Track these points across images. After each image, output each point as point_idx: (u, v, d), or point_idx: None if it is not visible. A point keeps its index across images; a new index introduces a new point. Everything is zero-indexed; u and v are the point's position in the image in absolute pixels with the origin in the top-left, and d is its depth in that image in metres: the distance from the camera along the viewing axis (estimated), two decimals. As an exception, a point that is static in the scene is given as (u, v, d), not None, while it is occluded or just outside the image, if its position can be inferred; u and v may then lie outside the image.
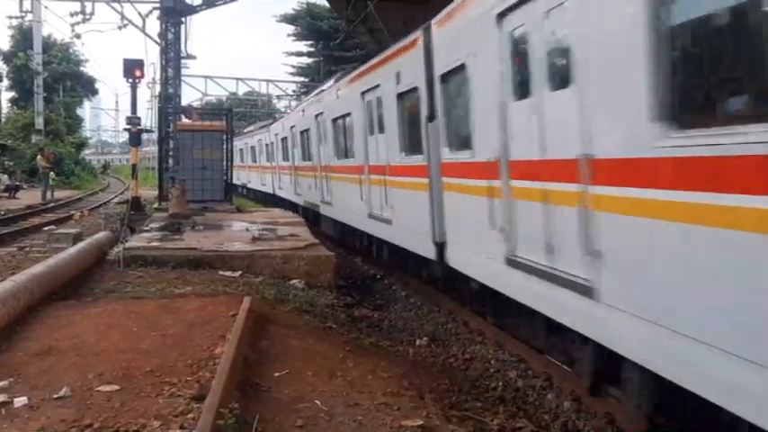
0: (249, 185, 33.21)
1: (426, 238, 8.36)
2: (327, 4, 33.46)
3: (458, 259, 7.61)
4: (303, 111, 18.39)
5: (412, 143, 8.97)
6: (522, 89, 5.61)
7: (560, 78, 4.94)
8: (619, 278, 4.27)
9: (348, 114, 12.40)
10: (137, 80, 18.37)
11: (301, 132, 18.11)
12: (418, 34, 8.28)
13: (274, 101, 49.90)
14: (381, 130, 10.24)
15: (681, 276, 3.65)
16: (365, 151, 11.19)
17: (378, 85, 10.27)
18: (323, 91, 16.31)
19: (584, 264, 4.58)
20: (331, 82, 16.21)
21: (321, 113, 14.84)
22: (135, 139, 18.77)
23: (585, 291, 4.56)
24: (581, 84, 4.58)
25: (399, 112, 9.32)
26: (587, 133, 4.51)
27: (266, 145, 26.86)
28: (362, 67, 11.61)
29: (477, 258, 6.85)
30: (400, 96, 9.21)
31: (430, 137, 8.10)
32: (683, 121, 3.63)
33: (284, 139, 21.86)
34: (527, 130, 5.50)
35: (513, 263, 5.82)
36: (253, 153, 31.82)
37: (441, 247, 8.01)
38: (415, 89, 8.54)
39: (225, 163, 19.98)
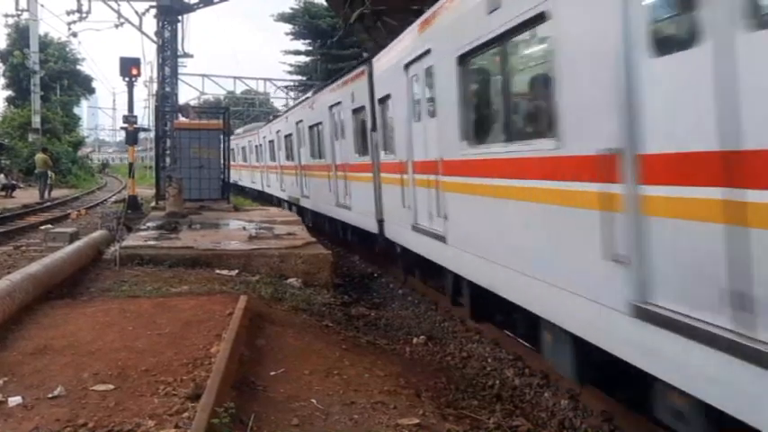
0: (240, 182, 34.55)
1: (371, 218, 11.12)
2: (325, 3, 33.41)
3: (390, 231, 10.33)
4: (287, 117, 20.52)
5: (363, 147, 11.76)
6: (417, 115, 8.61)
7: (431, 111, 7.92)
8: (456, 230, 7.21)
9: (320, 123, 15.24)
10: (133, 79, 18.32)
11: (285, 136, 20.35)
12: (364, 67, 11.21)
13: (272, 99, 49.89)
14: (343, 136, 13.12)
15: (486, 227, 6.25)
16: (332, 152, 14.08)
17: (339, 102, 13.09)
18: (304, 101, 18.42)
19: (441, 223, 7.60)
20: (309, 94, 20.35)
21: (300, 121, 17.68)
22: (132, 137, 18.72)
23: (442, 239, 7.54)
24: (439, 116, 7.58)
25: (354, 123, 12.21)
26: (442, 145, 7.46)
27: (255, 146, 29.43)
28: (330, 86, 14.48)
29: (399, 229, 9.64)
30: (354, 111, 12.04)
31: (372, 142, 10.90)
32: (473, 140, 6.59)
33: (271, 142, 23.91)
34: (421, 141, 8.37)
35: (415, 228, 8.68)
36: (243, 153, 33.43)
37: (381, 223, 10.75)
38: (363, 107, 11.40)
39: (222, 162, 19.96)
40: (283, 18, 50.00)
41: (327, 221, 16.08)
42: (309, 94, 19.29)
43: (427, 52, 7.77)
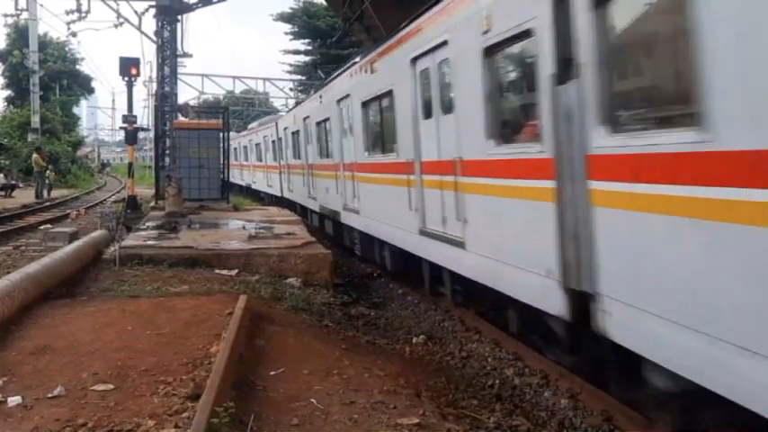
0: (254, 186, 31.86)
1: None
2: (324, 3, 33.39)
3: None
4: (321, 97, 18.20)
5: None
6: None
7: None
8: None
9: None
10: (133, 78, 18.30)
11: (318, 123, 17.59)
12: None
13: (271, 99, 49.86)
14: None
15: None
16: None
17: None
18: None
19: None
20: (312, 92, 20.06)
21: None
22: (131, 137, 18.69)
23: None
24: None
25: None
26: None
27: (273, 142, 26.15)
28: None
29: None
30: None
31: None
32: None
33: (295, 134, 21.47)
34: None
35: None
36: (258, 151, 29.88)
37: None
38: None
39: (222, 161, 19.95)
40: (282, 18, 49.99)
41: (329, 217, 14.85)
42: (312, 92, 18.11)
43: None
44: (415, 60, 8.08)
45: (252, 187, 31.92)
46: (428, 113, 7.83)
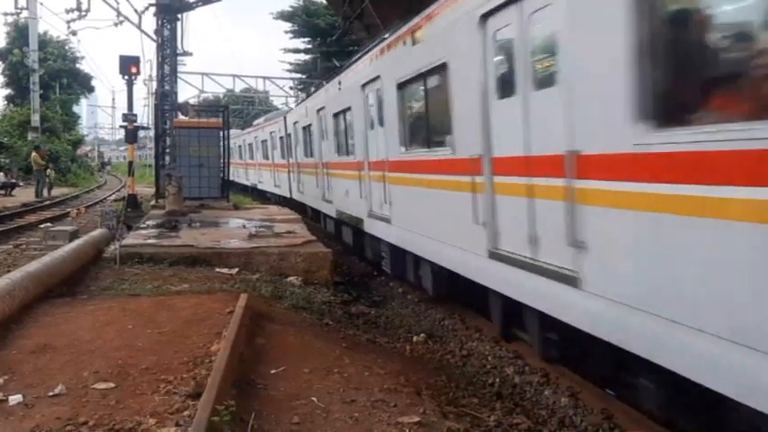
0: (260, 186, 29.92)
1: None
2: (324, 1, 33.35)
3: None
4: (341, 80, 18.47)
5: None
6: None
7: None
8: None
9: (310, 125, 16.20)
10: (133, 77, 18.31)
11: (334, 116, 18.22)
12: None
13: (271, 98, 49.83)
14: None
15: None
16: (319, 151, 15.17)
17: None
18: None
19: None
20: (316, 86, 20.30)
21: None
22: (131, 136, 18.71)
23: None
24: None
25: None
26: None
27: (280, 138, 24.86)
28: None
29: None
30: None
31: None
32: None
33: (306, 129, 21.66)
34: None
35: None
36: (264, 148, 27.95)
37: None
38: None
39: (222, 160, 19.95)
40: (282, 16, 49.96)
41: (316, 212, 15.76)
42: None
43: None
44: (485, 18, 5.96)
45: (258, 188, 30.11)
46: (508, 90, 5.68)
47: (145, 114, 38.55)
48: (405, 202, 8.68)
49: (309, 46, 50.22)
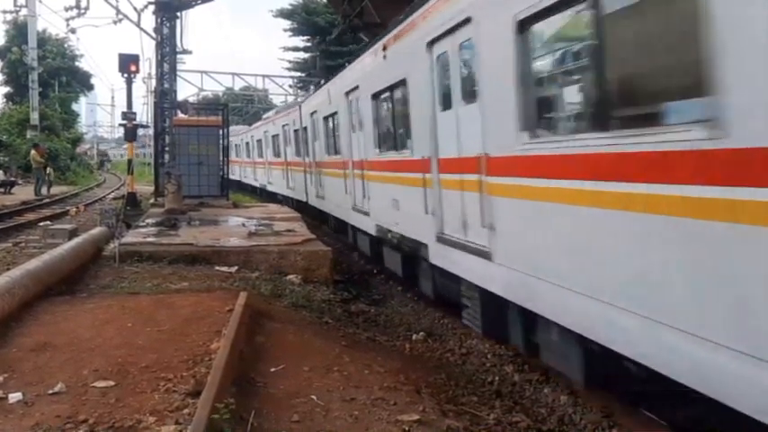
0: (269, 187, 27.20)
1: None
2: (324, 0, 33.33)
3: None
4: (300, 108, 18.67)
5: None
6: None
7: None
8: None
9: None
10: (132, 75, 18.31)
11: (374, 98, 17.91)
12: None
13: (271, 96, 49.80)
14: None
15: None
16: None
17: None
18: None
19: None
20: (299, 97, 20.40)
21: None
22: (131, 134, 18.71)
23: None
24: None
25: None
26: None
27: (272, 137, 24.56)
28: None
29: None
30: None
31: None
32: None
33: (327, 121, 21.06)
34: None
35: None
36: (274, 145, 25.50)
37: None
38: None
39: (221, 158, 19.95)
40: (282, 14, 49.95)
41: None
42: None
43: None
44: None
45: (267, 189, 27.02)
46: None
47: (144, 112, 38.58)
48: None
49: (309, 44, 50.19)
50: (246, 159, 33.22)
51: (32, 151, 27.11)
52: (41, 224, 15.42)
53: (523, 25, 5.18)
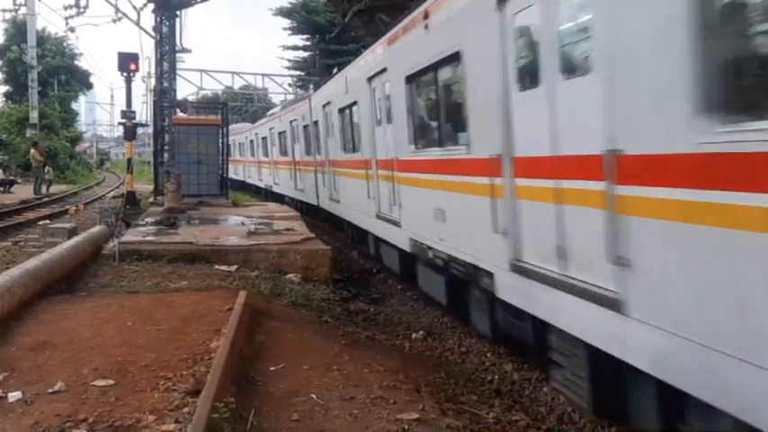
0: (275, 188, 25.38)
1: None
2: (323, -2, 33.28)
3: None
4: (310, 101, 17.06)
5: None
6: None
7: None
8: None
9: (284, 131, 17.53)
10: (131, 74, 18.28)
11: (262, 138, 18.13)
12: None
13: (270, 95, 49.77)
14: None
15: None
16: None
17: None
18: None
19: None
20: (306, 93, 20.56)
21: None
22: (130, 133, 18.68)
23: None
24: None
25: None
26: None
27: (279, 134, 22.72)
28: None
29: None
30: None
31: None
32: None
33: (282, 133, 20.96)
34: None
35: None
36: (265, 145, 26.09)
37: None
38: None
39: (220, 157, 19.94)
40: (282, 13, 49.90)
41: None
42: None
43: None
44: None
45: (273, 190, 25.32)
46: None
47: (144, 111, 38.54)
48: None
49: (308, 43, 50.15)
50: (251, 158, 31.48)
51: (32, 150, 27.09)
52: (41, 223, 15.41)
53: None
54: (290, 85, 43.76)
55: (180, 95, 23.31)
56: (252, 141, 30.77)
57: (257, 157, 29.24)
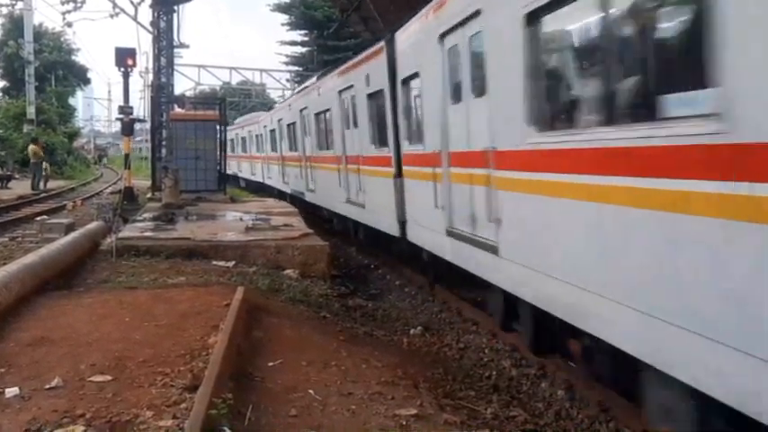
0: (282, 186, 21.53)
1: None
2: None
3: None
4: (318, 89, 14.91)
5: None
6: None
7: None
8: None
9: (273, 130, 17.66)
10: (129, 69, 18.23)
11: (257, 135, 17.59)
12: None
13: (268, 90, 49.74)
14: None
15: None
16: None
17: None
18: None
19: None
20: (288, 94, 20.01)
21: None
22: (127, 128, 18.65)
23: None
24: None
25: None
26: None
27: (288, 126, 19.03)
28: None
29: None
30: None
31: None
32: None
33: (291, 125, 18.52)
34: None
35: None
36: (274, 139, 21.95)
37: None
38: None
39: (218, 153, 19.90)
40: (280, 8, 49.81)
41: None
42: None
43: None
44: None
45: (282, 189, 21.68)
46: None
47: (141, 107, 38.44)
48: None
49: (306, 38, 50.07)
50: (256, 154, 27.22)
51: (32, 146, 27.00)
52: (38, 219, 15.39)
53: None
54: (287, 80, 43.65)
55: (177, 91, 23.25)
56: (257, 136, 25.78)
57: (265, 153, 24.31)
